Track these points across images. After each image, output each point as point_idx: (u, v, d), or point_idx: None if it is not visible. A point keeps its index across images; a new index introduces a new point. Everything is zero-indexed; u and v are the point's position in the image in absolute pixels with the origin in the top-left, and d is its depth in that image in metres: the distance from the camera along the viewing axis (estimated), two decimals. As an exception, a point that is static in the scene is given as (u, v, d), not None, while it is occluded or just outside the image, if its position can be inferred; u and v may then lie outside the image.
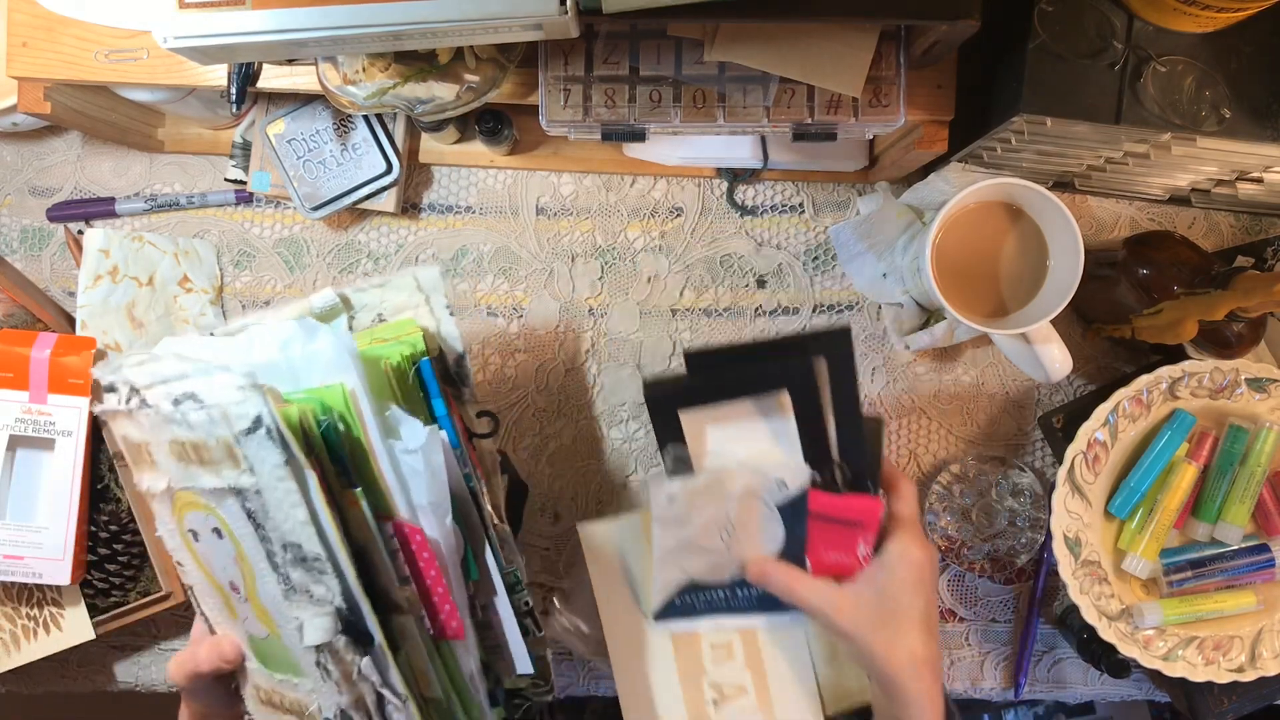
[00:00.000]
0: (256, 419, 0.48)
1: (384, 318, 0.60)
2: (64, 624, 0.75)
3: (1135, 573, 0.73)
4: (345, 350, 0.51)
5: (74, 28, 0.66)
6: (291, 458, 0.49)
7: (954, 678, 0.81)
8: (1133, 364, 0.81)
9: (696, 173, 0.82)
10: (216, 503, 0.51)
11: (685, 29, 0.63)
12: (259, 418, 0.48)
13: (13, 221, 0.84)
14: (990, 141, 0.67)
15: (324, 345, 0.51)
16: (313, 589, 0.51)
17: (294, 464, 0.49)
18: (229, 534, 0.52)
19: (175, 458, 0.52)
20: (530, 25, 0.53)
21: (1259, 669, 0.71)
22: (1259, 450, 0.71)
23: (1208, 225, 0.82)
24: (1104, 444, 0.73)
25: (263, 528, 0.50)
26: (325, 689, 0.53)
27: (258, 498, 0.50)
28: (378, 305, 0.59)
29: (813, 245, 0.83)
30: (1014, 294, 0.71)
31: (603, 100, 0.65)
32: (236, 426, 0.48)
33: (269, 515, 0.50)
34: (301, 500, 0.49)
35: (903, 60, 0.64)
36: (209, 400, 0.49)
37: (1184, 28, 0.61)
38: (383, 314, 0.60)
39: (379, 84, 0.64)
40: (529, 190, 0.83)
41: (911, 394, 0.82)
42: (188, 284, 0.81)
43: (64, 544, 0.72)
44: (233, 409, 0.48)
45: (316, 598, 0.51)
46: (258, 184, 0.80)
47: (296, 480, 0.49)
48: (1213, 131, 0.62)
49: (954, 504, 0.79)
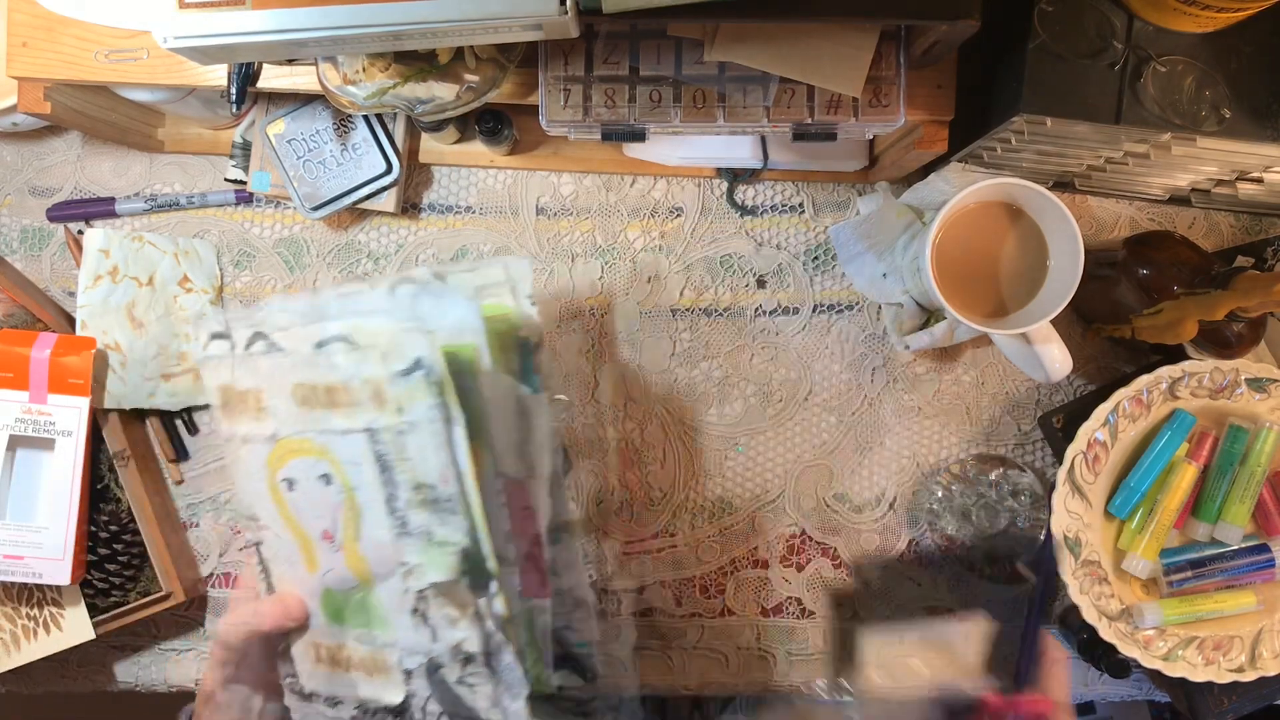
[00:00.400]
0: (416, 361, 0.51)
1: None
2: (64, 624, 0.75)
3: (1135, 573, 0.73)
4: (476, 312, 0.54)
5: (74, 28, 0.66)
6: (444, 401, 0.52)
7: (954, 678, 0.81)
8: (1133, 364, 0.81)
9: (696, 173, 0.82)
10: (339, 446, 0.54)
11: (685, 29, 0.63)
12: (419, 360, 0.51)
13: (13, 221, 0.84)
14: (990, 141, 0.67)
15: (456, 306, 0.54)
16: (436, 531, 0.53)
17: (445, 407, 0.52)
18: (341, 478, 0.54)
19: (299, 402, 0.54)
20: (530, 25, 0.53)
21: (1259, 669, 0.71)
22: (1259, 450, 0.71)
23: (1208, 225, 0.82)
24: (1104, 444, 0.73)
25: (391, 469, 0.53)
26: (415, 638, 0.55)
27: (398, 439, 0.52)
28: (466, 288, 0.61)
29: (813, 245, 0.83)
30: (1014, 294, 0.71)
31: (603, 100, 0.65)
32: (394, 367, 0.51)
33: (406, 456, 0.52)
34: (445, 443, 0.52)
35: (903, 60, 0.64)
36: (364, 342, 0.52)
37: (1184, 28, 0.61)
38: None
39: (379, 84, 0.64)
40: (529, 190, 0.83)
41: (911, 394, 0.82)
42: (188, 284, 0.81)
43: (64, 544, 0.72)
44: (392, 351, 0.51)
45: (437, 540, 0.53)
46: (258, 184, 0.80)
47: (445, 423, 0.52)
48: (1213, 131, 0.62)
49: (954, 504, 0.79)
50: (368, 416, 0.53)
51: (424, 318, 0.54)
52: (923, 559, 0.82)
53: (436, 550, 0.53)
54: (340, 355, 0.53)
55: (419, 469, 0.52)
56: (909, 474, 0.82)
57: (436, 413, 0.52)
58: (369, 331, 0.52)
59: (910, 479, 0.82)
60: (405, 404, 0.52)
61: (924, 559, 0.81)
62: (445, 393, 0.52)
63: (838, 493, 0.82)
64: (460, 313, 0.54)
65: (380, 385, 0.52)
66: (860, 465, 0.82)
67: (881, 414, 0.82)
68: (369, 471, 0.53)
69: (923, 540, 0.81)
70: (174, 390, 0.79)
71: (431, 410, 0.52)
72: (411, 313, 0.53)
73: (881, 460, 0.82)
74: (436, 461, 0.52)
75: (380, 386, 0.52)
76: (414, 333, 0.52)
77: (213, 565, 0.82)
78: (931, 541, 0.79)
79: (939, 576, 0.81)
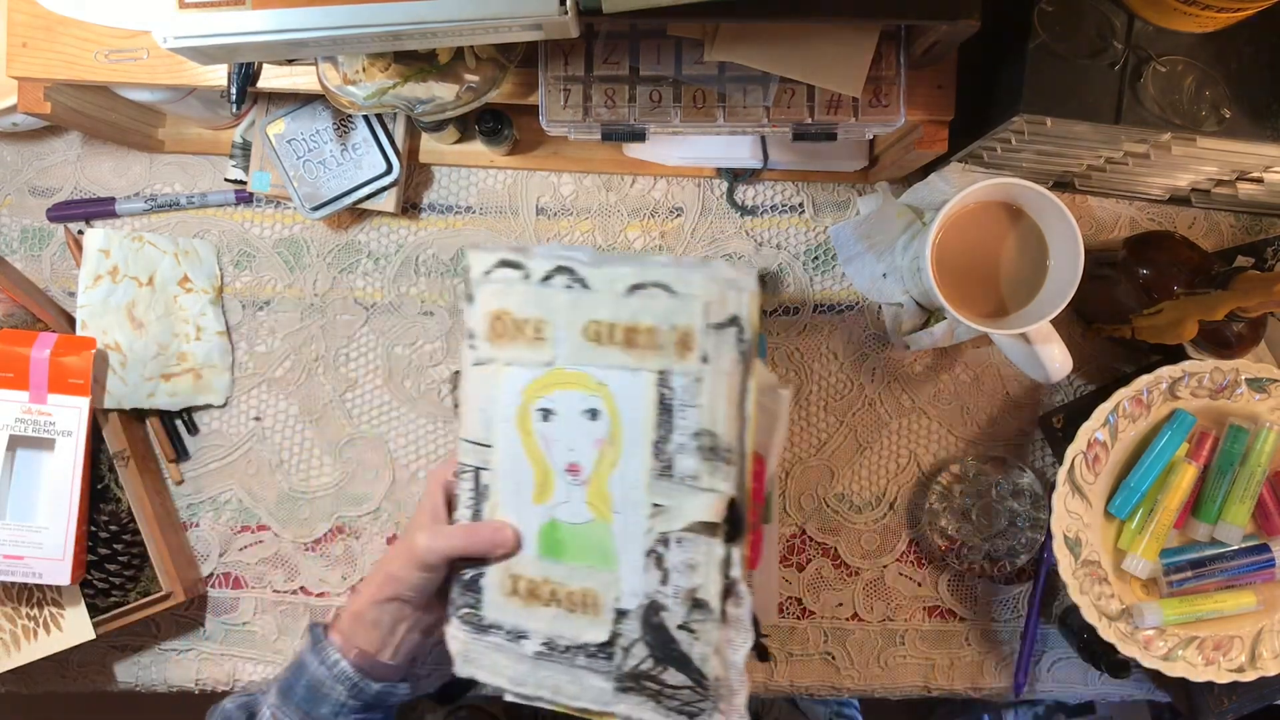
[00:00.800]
0: (733, 317, 0.56)
1: None
2: (64, 624, 0.75)
3: (1135, 573, 0.73)
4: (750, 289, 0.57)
5: (74, 28, 0.66)
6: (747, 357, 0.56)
7: (954, 678, 0.81)
8: (1133, 364, 0.81)
9: (696, 173, 0.82)
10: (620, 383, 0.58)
11: (685, 29, 0.63)
12: (736, 316, 0.56)
13: (13, 221, 0.84)
14: (990, 141, 0.67)
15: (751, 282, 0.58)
16: (704, 478, 0.56)
17: (747, 362, 0.56)
18: (611, 414, 0.58)
19: (589, 337, 0.58)
20: (530, 25, 0.53)
21: (1259, 669, 0.71)
22: (1259, 450, 0.71)
23: (1208, 225, 0.82)
24: (1104, 444, 0.73)
25: (672, 413, 0.57)
26: (643, 580, 0.57)
27: (693, 385, 0.56)
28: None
29: (813, 245, 0.83)
30: (1014, 294, 0.71)
31: (603, 100, 0.65)
32: (713, 318, 0.56)
33: (697, 403, 0.56)
34: (738, 396, 0.56)
35: (903, 60, 0.64)
36: (684, 291, 0.56)
37: (1184, 28, 0.61)
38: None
39: (379, 84, 0.64)
40: (529, 190, 0.83)
41: (911, 394, 0.82)
42: (188, 284, 0.81)
43: (64, 544, 0.72)
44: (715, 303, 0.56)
45: (704, 485, 0.56)
46: (258, 184, 0.80)
47: (743, 377, 0.56)
48: (1213, 131, 0.62)
49: (954, 504, 0.79)
50: (665, 360, 0.57)
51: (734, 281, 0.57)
52: (923, 559, 0.82)
53: (699, 495, 0.56)
54: (657, 300, 0.57)
55: (707, 416, 0.56)
56: (909, 474, 0.82)
57: (740, 366, 0.56)
58: (690, 282, 0.56)
59: (910, 479, 0.82)
60: (712, 353, 0.56)
61: (924, 559, 0.82)
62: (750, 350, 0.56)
63: (838, 493, 0.82)
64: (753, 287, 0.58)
65: (691, 332, 0.56)
66: (860, 465, 0.82)
67: (881, 414, 0.82)
68: (646, 412, 0.57)
69: (922, 540, 0.81)
70: (174, 390, 0.79)
71: (736, 364, 0.56)
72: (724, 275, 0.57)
73: (881, 460, 0.82)
74: (726, 412, 0.56)
75: (690, 334, 0.56)
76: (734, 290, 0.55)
77: (213, 565, 0.82)
78: (931, 541, 0.79)
79: (939, 576, 0.81)
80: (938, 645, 0.81)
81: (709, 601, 0.56)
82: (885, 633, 0.81)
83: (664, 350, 0.57)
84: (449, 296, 0.82)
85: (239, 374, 0.82)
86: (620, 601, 0.58)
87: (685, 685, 0.57)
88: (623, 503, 0.58)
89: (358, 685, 0.61)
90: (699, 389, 0.56)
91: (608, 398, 0.58)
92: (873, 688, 0.81)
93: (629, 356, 0.58)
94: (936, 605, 0.81)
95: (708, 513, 0.56)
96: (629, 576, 0.58)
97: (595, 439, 0.58)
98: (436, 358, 0.82)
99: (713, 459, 0.56)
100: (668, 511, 0.57)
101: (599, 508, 0.58)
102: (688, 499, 0.56)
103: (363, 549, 0.82)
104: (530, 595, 0.60)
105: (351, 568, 0.81)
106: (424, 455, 0.82)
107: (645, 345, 0.57)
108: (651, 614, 0.57)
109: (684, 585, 0.56)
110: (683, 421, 0.56)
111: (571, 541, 0.60)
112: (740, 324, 0.56)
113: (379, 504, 0.82)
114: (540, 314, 0.59)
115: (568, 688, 0.59)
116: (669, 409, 0.57)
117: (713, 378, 0.56)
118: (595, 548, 0.59)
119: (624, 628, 0.58)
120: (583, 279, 0.58)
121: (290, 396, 0.82)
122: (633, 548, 0.58)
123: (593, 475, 0.59)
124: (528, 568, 0.60)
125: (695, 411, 0.56)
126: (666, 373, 0.57)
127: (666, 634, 0.57)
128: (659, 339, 0.57)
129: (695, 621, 0.57)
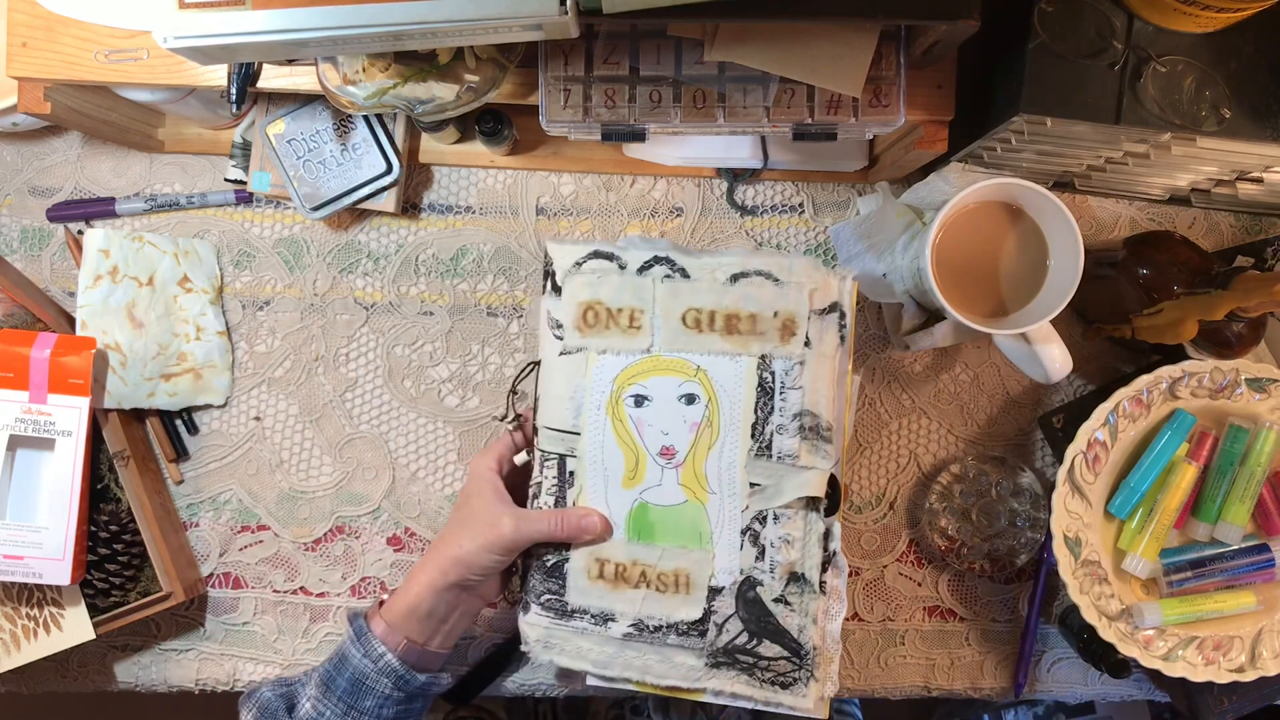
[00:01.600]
0: (835, 303, 0.59)
1: None
2: (64, 624, 0.75)
3: (1135, 573, 0.73)
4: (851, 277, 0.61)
5: (74, 28, 0.66)
6: (847, 341, 0.60)
7: (954, 678, 0.81)
8: (1133, 364, 0.81)
9: (696, 173, 0.82)
10: (718, 368, 0.61)
11: (685, 29, 0.63)
12: (838, 303, 0.60)
13: (13, 221, 0.84)
14: (990, 141, 0.67)
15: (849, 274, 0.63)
16: (805, 456, 0.59)
17: (847, 346, 0.60)
18: (710, 397, 0.61)
19: (688, 324, 0.61)
20: (530, 25, 0.53)
21: (1259, 669, 0.71)
22: (1259, 450, 0.71)
23: (1208, 225, 0.82)
24: (1104, 444, 0.72)
25: (772, 395, 0.60)
26: (738, 557, 0.60)
27: (795, 368, 0.59)
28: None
29: (813, 245, 0.83)
30: (1014, 294, 0.71)
31: (603, 100, 0.65)
32: (817, 305, 0.59)
33: (798, 385, 0.59)
34: (839, 378, 0.60)
35: (903, 60, 0.64)
36: (788, 280, 0.60)
37: (1184, 28, 0.61)
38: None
39: (379, 84, 0.64)
40: (529, 190, 0.83)
41: (911, 394, 0.82)
42: (188, 284, 0.81)
43: (64, 544, 0.72)
44: (819, 290, 0.59)
45: (800, 464, 0.59)
46: (258, 184, 0.80)
47: (840, 360, 0.60)
48: (1213, 131, 0.62)
49: (954, 504, 0.79)
50: (767, 345, 0.60)
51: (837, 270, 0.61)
52: (923, 559, 0.82)
53: (800, 474, 0.59)
54: (760, 288, 0.60)
55: (809, 397, 0.59)
56: (909, 474, 0.82)
57: (840, 350, 0.59)
58: (793, 270, 0.59)
59: (910, 479, 0.82)
60: (815, 338, 0.59)
61: (924, 559, 0.82)
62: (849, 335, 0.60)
63: (838, 493, 0.82)
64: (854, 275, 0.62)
65: (794, 318, 0.59)
66: (860, 465, 0.82)
67: (881, 414, 0.82)
68: (745, 395, 0.60)
69: (922, 540, 0.81)
70: (174, 390, 0.79)
71: (838, 348, 0.59)
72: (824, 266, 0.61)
73: (881, 460, 0.82)
74: (827, 394, 0.59)
75: (794, 319, 0.59)
76: (836, 278, 0.59)
77: (213, 565, 0.82)
78: (931, 541, 0.79)
79: (939, 576, 0.81)
80: (938, 645, 0.81)
81: (807, 574, 0.59)
82: (885, 632, 0.81)
83: (766, 336, 0.60)
84: (449, 296, 0.82)
85: (239, 374, 0.82)
86: (714, 579, 0.61)
87: (781, 656, 0.60)
88: (719, 483, 0.61)
89: (404, 678, 0.61)
90: (800, 372, 0.59)
91: (705, 382, 0.61)
92: (873, 688, 0.81)
93: (728, 342, 0.61)
94: (936, 605, 0.81)
95: (810, 488, 0.58)
96: (724, 555, 0.60)
97: (691, 422, 0.61)
98: (436, 357, 0.82)
99: (813, 438, 0.59)
100: (765, 490, 0.60)
101: (694, 489, 0.61)
102: (788, 477, 0.59)
103: (363, 549, 0.82)
104: (618, 578, 0.62)
105: (351, 567, 0.81)
106: (424, 455, 0.82)
107: (746, 331, 0.60)
108: (747, 589, 0.60)
109: (781, 560, 0.59)
110: (783, 403, 0.59)
111: (663, 523, 0.62)
112: (842, 310, 0.60)
113: (379, 504, 0.82)
114: (636, 303, 0.62)
115: (656, 667, 0.61)
116: (769, 392, 0.60)
117: (815, 361, 0.59)
118: (689, 528, 0.61)
119: (718, 604, 0.60)
120: (683, 268, 0.61)
121: (290, 396, 0.82)
122: (728, 526, 0.60)
123: (688, 457, 0.61)
124: (616, 551, 0.62)
125: (797, 394, 0.59)
126: (768, 357, 0.60)
127: (763, 608, 0.59)
128: (760, 325, 0.60)
129: (792, 594, 0.59)
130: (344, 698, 0.61)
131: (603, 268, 0.63)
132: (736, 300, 0.60)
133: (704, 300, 0.61)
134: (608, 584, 0.62)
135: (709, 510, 0.61)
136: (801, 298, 0.60)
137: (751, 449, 0.60)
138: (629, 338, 0.62)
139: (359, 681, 0.61)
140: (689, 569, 0.61)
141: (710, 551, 0.61)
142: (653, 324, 0.62)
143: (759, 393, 0.60)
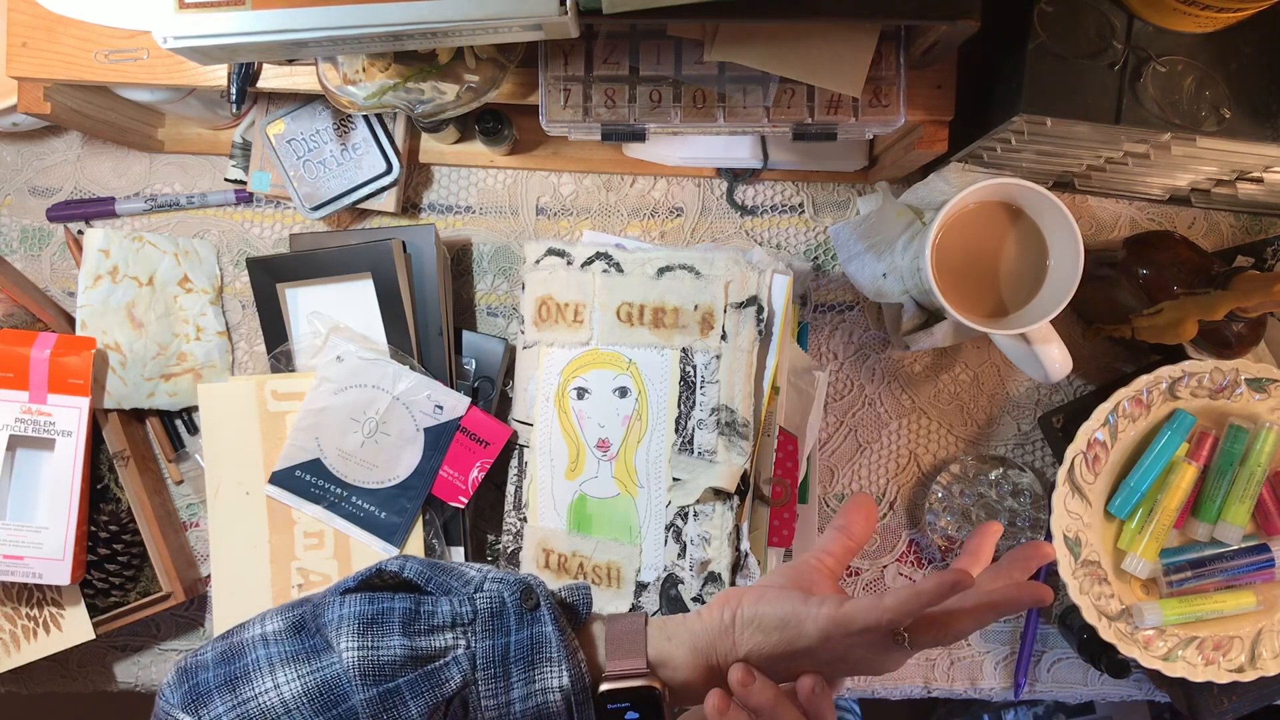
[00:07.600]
0: (753, 297, 0.59)
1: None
2: (64, 624, 0.75)
3: (1135, 573, 0.73)
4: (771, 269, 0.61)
5: (74, 28, 0.66)
6: (764, 336, 0.59)
7: (954, 678, 0.81)
8: (1133, 364, 0.81)
9: (696, 173, 0.82)
10: (647, 361, 0.61)
11: (685, 29, 0.63)
12: (755, 297, 0.59)
13: (13, 221, 0.84)
14: (990, 141, 0.67)
15: (784, 276, 0.62)
16: (721, 452, 0.59)
17: (765, 341, 0.59)
18: (639, 392, 0.61)
19: (621, 318, 0.61)
20: (530, 25, 0.53)
21: (1259, 669, 0.71)
22: (1259, 450, 0.71)
23: (1208, 225, 0.82)
24: (1104, 444, 0.73)
25: (693, 390, 0.60)
26: (662, 553, 0.60)
27: (712, 362, 0.59)
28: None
29: (813, 245, 0.83)
30: (1014, 294, 0.71)
31: (603, 100, 0.65)
32: (734, 298, 0.59)
33: (715, 379, 0.59)
34: (756, 373, 0.59)
35: (903, 60, 0.64)
36: (708, 273, 0.60)
37: (1184, 28, 0.61)
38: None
39: (379, 84, 0.64)
40: (529, 190, 0.83)
41: (911, 394, 0.82)
42: (188, 284, 0.81)
43: (64, 544, 0.72)
44: (736, 284, 0.59)
45: (717, 459, 0.59)
46: (258, 184, 0.80)
47: (759, 355, 0.59)
48: (1213, 131, 0.62)
49: (954, 504, 0.79)
50: (688, 339, 0.60)
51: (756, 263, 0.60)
52: (923, 559, 0.82)
53: (714, 469, 0.58)
54: (683, 282, 0.60)
55: (725, 392, 0.59)
56: (909, 474, 0.82)
57: (755, 344, 0.59)
58: (713, 264, 0.60)
59: (910, 479, 0.82)
60: (731, 331, 0.59)
61: (924, 559, 0.81)
62: (774, 329, 0.59)
63: (838, 493, 0.82)
64: (783, 279, 0.61)
65: (712, 311, 0.59)
66: (860, 465, 0.82)
67: (881, 414, 0.82)
68: (669, 388, 0.60)
69: (923, 540, 0.81)
70: (174, 390, 0.79)
71: (754, 342, 0.59)
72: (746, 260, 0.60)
73: (881, 460, 0.82)
74: (743, 389, 0.59)
75: (712, 313, 0.59)
76: (754, 271, 0.59)
77: (213, 565, 0.82)
78: (931, 541, 0.79)
79: (939, 576, 0.81)
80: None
81: (721, 574, 0.58)
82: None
83: (689, 329, 0.60)
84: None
85: (239, 374, 0.82)
86: (641, 574, 0.61)
87: None
88: (646, 477, 0.61)
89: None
90: (718, 366, 0.59)
91: (636, 376, 0.61)
92: (873, 688, 0.81)
93: (656, 336, 0.61)
94: (936, 605, 0.81)
95: (719, 480, 0.58)
96: (650, 550, 0.60)
97: (624, 416, 0.61)
98: (436, 358, 0.82)
99: (729, 433, 0.58)
100: (685, 485, 0.59)
101: (625, 483, 0.61)
102: (704, 473, 0.58)
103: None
104: (560, 569, 0.62)
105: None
106: (424, 455, 0.82)
107: (671, 324, 0.60)
108: (669, 587, 0.59)
109: (699, 558, 0.58)
110: (703, 398, 0.59)
111: (599, 516, 0.62)
112: (759, 303, 0.59)
113: (379, 504, 0.82)
114: (579, 297, 0.63)
115: None
116: (691, 386, 0.60)
117: (731, 355, 0.59)
118: (620, 522, 0.61)
119: (644, 600, 0.61)
120: (618, 263, 0.62)
121: (290, 396, 0.82)
122: (655, 522, 0.60)
123: (620, 451, 0.61)
124: (559, 542, 0.63)
125: (714, 388, 0.59)
126: (689, 350, 0.60)
127: (682, 606, 0.59)
128: (683, 318, 0.60)
129: (708, 594, 0.59)
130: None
131: (553, 264, 0.64)
132: (662, 293, 0.61)
133: (634, 294, 0.61)
134: (552, 573, 0.63)
135: (638, 504, 0.61)
136: (718, 290, 0.60)
137: (675, 443, 0.60)
138: (573, 331, 0.63)
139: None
140: (620, 562, 0.61)
141: (638, 546, 0.61)
142: (592, 318, 0.62)
143: (682, 386, 0.60)
